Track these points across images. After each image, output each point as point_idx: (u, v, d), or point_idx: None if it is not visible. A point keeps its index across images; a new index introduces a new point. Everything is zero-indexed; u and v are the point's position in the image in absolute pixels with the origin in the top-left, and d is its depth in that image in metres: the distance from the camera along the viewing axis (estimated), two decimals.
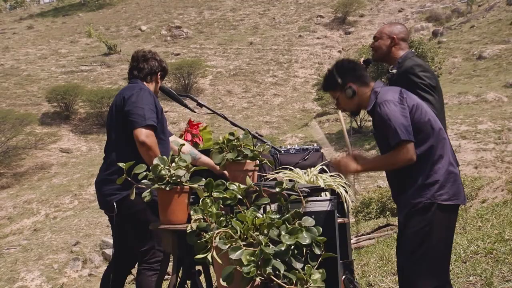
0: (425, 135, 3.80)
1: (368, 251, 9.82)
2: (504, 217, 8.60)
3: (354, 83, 3.94)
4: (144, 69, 4.64)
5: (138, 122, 4.29)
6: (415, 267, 3.80)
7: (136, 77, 4.67)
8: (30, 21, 57.65)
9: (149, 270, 4.41)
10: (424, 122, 3.82)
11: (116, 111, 4.48)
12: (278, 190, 3.52)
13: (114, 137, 4.50)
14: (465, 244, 7.53)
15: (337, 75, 3.97)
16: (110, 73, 43.02)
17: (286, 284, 3.09)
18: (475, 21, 42.60)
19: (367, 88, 3.95)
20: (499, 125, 25.60)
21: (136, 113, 4.31)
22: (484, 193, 11.47)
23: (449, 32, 42.86)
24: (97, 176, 4.60)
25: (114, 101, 4.58)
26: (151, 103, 4.40)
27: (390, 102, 3.77)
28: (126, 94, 4.45)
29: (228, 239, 3.19)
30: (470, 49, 38.49)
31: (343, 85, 3.95)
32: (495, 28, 40.03)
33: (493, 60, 36.22)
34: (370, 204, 16.15)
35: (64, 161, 33.32)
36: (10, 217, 27.62)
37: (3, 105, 37.74)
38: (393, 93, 3.86)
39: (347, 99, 3.97)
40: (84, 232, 23.33)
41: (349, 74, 3.98)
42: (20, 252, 22.67)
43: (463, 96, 30.79)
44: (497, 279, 6.10)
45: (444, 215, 3.81)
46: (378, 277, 7.26)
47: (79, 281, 19.97)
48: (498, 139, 24.51)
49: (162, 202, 3.66)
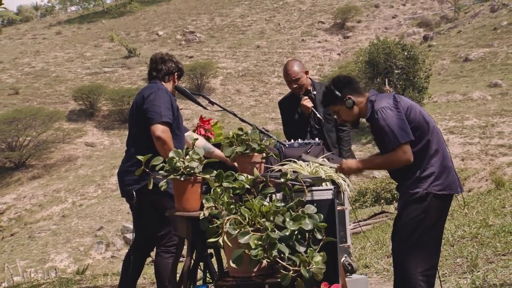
0: (421, 133, 3.79)
1: (364, 236, 9.80)
2: (488, 205, 8.58)
3: (352, 94, 3.94)
4: (162, 70, 4.63)
5: (155, 118, 4.29)
6: (408, 251, 3.79)
7: (155, 77, 4.66)
8: (58, 28, 57.74)
9: (166, 252, 4.41)
10: (419, 121, 3.81)
11: (136, 109, 4.48)
12: (283, 180, 3.51)
13: (134, 133, 4.49)
14: (453, 229, 7.51)
15: (336, 89, 3.97)
16: (130, 74, 43.07)
17: (290, 266, 3.08)
18: (462, 27, 42.44)
19: (363, 97, 3.95)
20: (483, 121, 25.54)
21: (153, 111, 4.31)
22: (470, 183, 11.45)
23: (438, 36, 42.72)
24: (119, 167, 4.60)
25: (134, 99, 4.58)
26: (168, 101, 4.41)
27: (386, 108, 3.77)
28: (146, 93, 4.44)
29: (237, 225, 3.19)
30: (457, 52, 38.37)
31: (342, 97, 3.94)
32: (480, 33, 39.88)
33: (478, 62, 36.10)
34: (366, 194, 16.15)
35: (89, 154, 33.41)
36: (41, 204, 27.74)
37: (34, 103, 37.85)
38: (387, 99, 3.85)
39: (347, 110, 3.96)
40: (107, 218, 23.41)
41: (346, 87, 3.98)
42: (50, 236, 22.79)
43: (451, 95, 30.70)
44: (482, 260, 6.08)
45: (438, 203, 3.80)
46: (373, 260, 7.25)
47: (103, 262, 20.04)
48: (482, 134, 24.45)
49: (177, 191, 3.65)
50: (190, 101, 4.67)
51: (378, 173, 20.80)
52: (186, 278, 3.75)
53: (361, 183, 18.11)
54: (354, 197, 15.81)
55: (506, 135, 23.96)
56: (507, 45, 36.79)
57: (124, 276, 4.58)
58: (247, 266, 3.17)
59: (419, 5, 50.41)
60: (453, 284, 5.45)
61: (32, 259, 20.66)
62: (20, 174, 31.51)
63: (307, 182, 3.58)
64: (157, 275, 4.44)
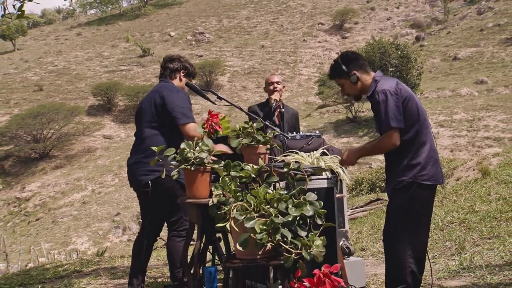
0: (413, 123, 3.74)
1: (361, 221, 9.81)
2: (475, 192, 8.56)
3: (357, 70, 3.88)
4: (168, 68, 4.67)
5: (184, 119, 4.36)
6: (397, 236, 3.76)
7: (163, 75, 4.69)
8: (79, 29, 57.75)
9: (177, 236, 4.41)
10: (413, 112, 3.75)
11: (154, 106, 4.45)
12: (286, 170, 3.50)
13: (148, 127, 4.47)
14: (442, 215, 7.51)
15: (343, 64, 3.90)
16: (144, 72, 43.06)
17: (293, 249, 3.08)
18: (451, 28, 42.26)
19: (368, 76, 3.88)
20: (471, 116, 25.47)
21: (181, 112, 4.37)
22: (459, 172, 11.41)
23: (429, 37, 42.56)
24: (130, 159, 4.57)
25: (149, 97, 4.54)
26: (188, 101, 4.49)
27: (387, 91, 3.69)
28: (165, 93, 4.43)
29: (244, 211, 3.18)
30: (447, 52, 38.23)
31: (348, 72, 3.88)
32: (467, 34, 39.73)
33: (466, 61, 35.99)
34: (362, 183, 16.14)
35: (107, 145, 33.48)
36: (63, 192, 27.83)
37: (57, 99, 37.92)
38: (390, 83, 3.78)
39: (351, 85, 3.89)
40: (123, 204, 23.47)
41: (353, 63, 3.90)
42: (72, 221, 22.87)
43: (441, 91, 30.61)
44: (469, 243, 6.08)
45: (423, 193, 3.76)
46: (369, 243, 7.25)
47: (120, 245, 20.11)
48: (470, 127, 24.39)
49: (188, 180, 3.64)
50: (200, 96, 4.66)
51: (373, 163, 20.80)
52: (196, 260, 3.75)
53: (357, 173, 18.09)
54: (351, 185, 15.80)
55: (492, 128, 23.90)
56: (492, 45, 36.67)
57: (136, 260, 4.59)
58: (253, 249, 3.17)
59: (411, 8, 50.21)
60: (443, 265, 5.45)
61: (56, 242, 20.75)
62: (44, 164, 31.60)
63: (308, 172, 3.57)
64: (169, 257, 4.45)
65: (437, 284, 4.78)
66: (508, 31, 37.63)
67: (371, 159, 21.26)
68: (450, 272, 5.17)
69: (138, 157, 4.44)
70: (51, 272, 6.55)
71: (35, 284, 5.88)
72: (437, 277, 5.05)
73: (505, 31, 37.85)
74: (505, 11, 40.41)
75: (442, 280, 4.94)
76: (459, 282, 4.82)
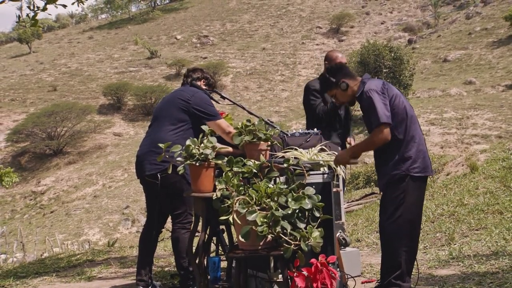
0: (401, 119, 3.77)
1: (357, 214, 9.81)
2: (464, 187, 8.55)
3: (345, 78, 3.92)
4: (191, 76, 4.71)
5: (214, 117, 4.42)
6: (392, 227, 3.77)
7: (186, 83, 4.70)
8: (90, 33, 57.71)
9: (182, 229, 4.40)
10: (401, 109, 3.78)
11: (179, 104, 4.44)
12: (285, 165, 3.50)
13: (165, 123, 4.45)
14: (433, 208, 7.50)
15: (330, 76, 3.96)
16: (152, 73, 43.02)
17: (292, 240, 3.08)
18: (441, 32, 42.18)
19: (355, 80, 3.93)
20: (460, 114, 25.44)
21: (210, 111, 4.44)
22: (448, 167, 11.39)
23: (421, 40, 42.48)
24: (141, 149, 4.52)
25: (173, 96, 4.52)
26: (210, 100, 4.53)
27: (373, 91, 3.73)
28: (189, 94, 4.46)
29: (246, 204, 3.18)
30: (437, 54, 38.17)
31: (337, 82, 3.93)
32: (456, 37, 39.66)
33: (455, 63, 35.93)
34: (358, 177, 16.13)
35: (117, 142, 33.47)
36: (76, 186, 27.85)
37: (70, 99, 37.92)
38: (377, 83, 3.83)
39: (342, 93, 3.93)
40: (132, 198, 23.49)
41: (339, 72, 3.96)
42: (84, 213, 22.88)
43: (432, 91, 30.57)
44: (458, 235, 6.09)
45: (416, 184, 3.78)
46: (364, 234, 7.25)
47: (129, 237, 20.13)
48: (459, 125, 24.36)
49: (193, 175, 3.64)
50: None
51: (368, 159, 20.77)
52: (201, 250, 3.75)
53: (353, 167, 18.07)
54: (347, 180, 15.78)
55: (479, 126, 23.87)
56: (480, 48, 36.60)
57: (143, 252, 4.58)
58: (254, 240, 3.18)
59: (404, 12, 50.15)
60: (433, 255, 5.45)
61: (69, 233, 20.76)
62: (58, 160, 31.62)
63: (307, 167, 3.57)
64: (175, 248, 4.44)
65: (428, 273, 4.79)
66: (494, 35, 37.57)
67: (365, 154, 21.24)
68: (440, 261, 5.17)
69: (150, 148, 4.41)
70: (64, 261, 6.56)
71: (50, 273, 5.89)
72: (428, 266, 5.05)
73: (492, 34, 37.79)
74: (492, 16, 40.32)
75: (432, 269, 4.94)
76: (448, 271, 4.82)
